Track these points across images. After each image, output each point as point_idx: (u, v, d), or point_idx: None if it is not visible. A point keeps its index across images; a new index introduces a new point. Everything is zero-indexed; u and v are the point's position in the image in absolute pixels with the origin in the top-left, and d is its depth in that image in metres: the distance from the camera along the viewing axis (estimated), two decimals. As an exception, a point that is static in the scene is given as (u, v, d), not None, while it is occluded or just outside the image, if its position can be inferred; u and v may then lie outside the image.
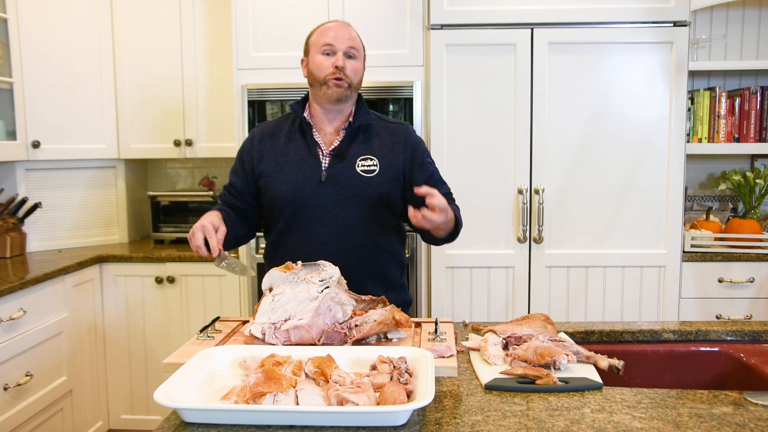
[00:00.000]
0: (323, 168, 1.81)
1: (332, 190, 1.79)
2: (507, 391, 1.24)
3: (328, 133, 1.85)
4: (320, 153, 1.82)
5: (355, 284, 1.72)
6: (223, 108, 3.20)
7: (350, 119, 1.85)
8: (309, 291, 1.49)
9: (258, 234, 2.31)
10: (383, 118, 1.93)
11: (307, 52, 1.86)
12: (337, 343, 1.45)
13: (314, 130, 1.85)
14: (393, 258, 1.89)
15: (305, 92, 1.93)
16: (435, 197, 1.58)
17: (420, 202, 1.86)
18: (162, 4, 3.20)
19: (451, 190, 1.96)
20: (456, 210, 1.84)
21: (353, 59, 1.80)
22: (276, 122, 1.93)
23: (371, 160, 1.82)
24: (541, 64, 2.74)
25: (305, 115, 1.85)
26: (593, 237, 2.80)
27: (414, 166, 1.87)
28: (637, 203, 2.78)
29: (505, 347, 1.44)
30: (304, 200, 1.79)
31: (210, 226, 1.66)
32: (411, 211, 1.61)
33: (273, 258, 1.84)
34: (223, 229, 1.68)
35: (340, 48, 1.78)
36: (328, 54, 1.79)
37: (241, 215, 1.88)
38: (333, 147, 1.83)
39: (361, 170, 1.81)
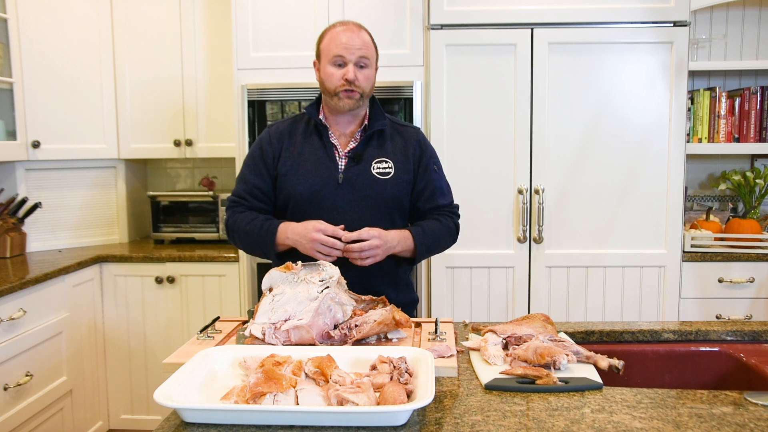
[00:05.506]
0: (340, 170, 1.80)
1: (349, 192, 1.79)
2: (507, 391, 1.24)
3: (343, 134, 1.85)
4: (336, 155, 1.82)
5: (366, 285, 1.72)
6: (223, 108, 3.20)
7: (365, 122, 1.85)
8: (309, 291, 1.48)
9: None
10: (394, 121, 1.93)
11: (318, 56, 1.83)
12: (337, 343, 1.45)
13: (330, 132, 1.84)
14: (402, 258, 1.89)
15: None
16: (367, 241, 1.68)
17: (419, 210, 1.87)
18: (162, 4, 3.20)
19: (454, 200, 1.94)
20: (432, 232, 1.82)
21: (365, 68, 1.78)
22: (291, 121, 1.91)
23: (386, 162, 1.82)
24: (541, 64, 2.74)
25: (320, 117, 1.84)
26: (593, 237, 2.80)
27: (419, 170, 1.87)
28: (637, 203, 2.78)
29: (505, 347, 1.44)
30: (320, 201, 1.78)
31: (320, 226, 1.68)
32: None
33: (284, 258, 1.80)
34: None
35: (351, 59, 1.75)
36: (338, 65, 1.76)
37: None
38: (349, 149, 1.82)
39: (377, 173, 1.81)
